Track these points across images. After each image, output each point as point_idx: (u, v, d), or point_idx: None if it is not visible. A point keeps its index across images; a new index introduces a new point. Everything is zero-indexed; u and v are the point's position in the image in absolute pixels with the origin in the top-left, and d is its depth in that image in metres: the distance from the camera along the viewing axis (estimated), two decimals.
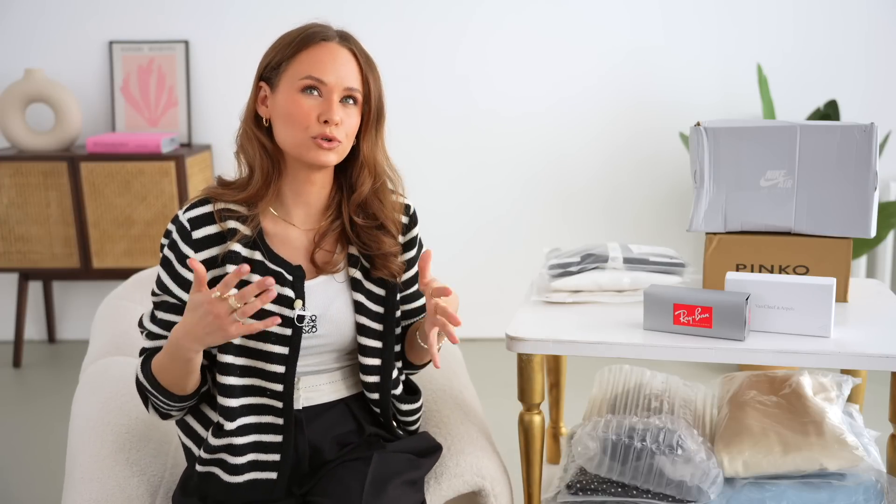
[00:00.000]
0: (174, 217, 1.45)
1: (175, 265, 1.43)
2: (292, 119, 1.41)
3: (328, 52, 1.43)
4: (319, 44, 1.43)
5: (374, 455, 1.46)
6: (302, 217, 1.49)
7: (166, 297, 1.44)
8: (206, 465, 1.44)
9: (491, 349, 3.34)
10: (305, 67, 1.41)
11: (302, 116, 1.40)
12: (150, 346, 1.45)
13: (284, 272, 1.43)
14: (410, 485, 1.46)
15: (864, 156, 1.65)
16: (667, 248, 1.86)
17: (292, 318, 1.42)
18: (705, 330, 1.54)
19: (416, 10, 3.51)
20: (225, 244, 1.41)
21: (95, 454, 1.57)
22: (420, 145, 3.58)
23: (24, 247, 3.40)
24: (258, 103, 1.46)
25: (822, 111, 3.16)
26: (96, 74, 3.60)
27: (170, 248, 1.44)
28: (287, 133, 1.42)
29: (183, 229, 1.42)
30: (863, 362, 1.48)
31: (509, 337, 1.58)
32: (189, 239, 1.41)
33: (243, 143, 1.47)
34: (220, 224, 1.42)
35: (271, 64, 1.44)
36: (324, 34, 1.44)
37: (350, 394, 1.54)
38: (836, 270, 1.70)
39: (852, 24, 3.44)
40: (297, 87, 1.41)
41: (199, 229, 1.42)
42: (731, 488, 1.64)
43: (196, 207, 1.44)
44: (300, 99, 1.40)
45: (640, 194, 3.60)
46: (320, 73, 1.41)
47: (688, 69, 3.50)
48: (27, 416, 3.06)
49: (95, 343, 1.89)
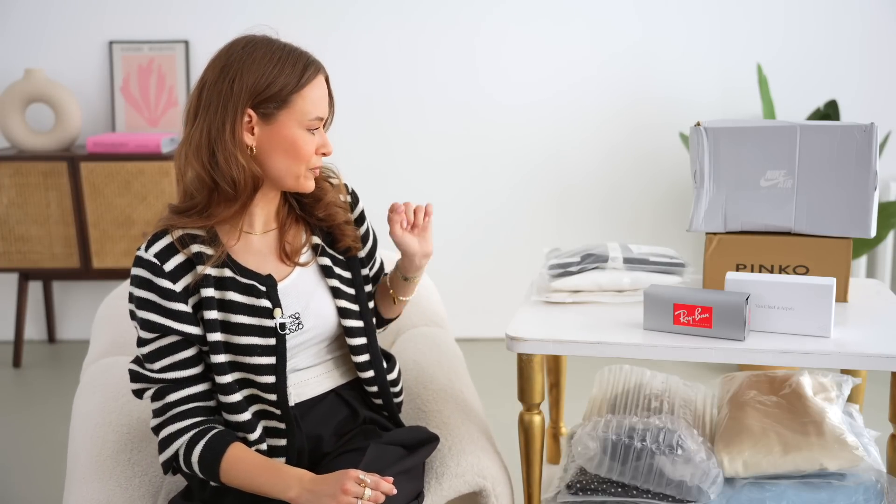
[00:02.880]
0: (136, 260, 1.42)
1: (161, 303, 1.40)
2: (298, 155, 1.43)
3: (320, 85, 1.45)
4: (315, 78, 1.43)
5: (369, 445, 1.48)
6: (261, 224, 1.51)
7: (166, 339, 1.42)
8: None
9: (491, 349, 3.35)
10: (311, 107, 1.42)
11: (307, 152, 1.44)
12: (180, 397, 1.43)
13: (257, 283, 1.45)
14: (404, 473, 1.48)
15: (864, 156, 1.65)
16: (667, 248, 1.86)
17: (274, 328, 1.44)
18: (705, 330, 1.54)
19: (415, 7, 3.51)
20: (194, 271, 1.41)
21: (97, 454, 1.57)
22: (419, 143, 3.58)
23: (24, 247, 3.40)
24: (244, 132, 1.40)
25: (822, 111, 3.16)
26: (96, 74, 3.60)
27: (144, 289, 1.41)
28: (283, 164, 1.43)
29: (153, 266, 1.40)
30: (863, 362, 1.48)
31: (509, 337, 1.58)
32: (163, 273, 1.40)
33: (223, 169, 1.39)
34: (184, 252, 1.42)
35: (267, 94, 1.40)
36: (315, 65, 1.44)
37: (338, 383, 1.56)
38: (836, 270, 1.70)
39: (852, 25, 3.44)
40: (306, 125, 1.43)
41: (167, 262, 1.41)
42: (731, 488, 1.64)
43: (156, 242, 1.42)
44: (306, 137, 1.43)
45: (639, 192, 3.60)
46: (322, 111, 1.45)
47: (688, 68, 3.50)
48: (27, 416, 3.06)
49: (96, 343, 1.89)
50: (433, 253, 1.57)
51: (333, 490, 1.32)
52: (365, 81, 3.51)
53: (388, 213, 1.52)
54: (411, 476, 1.51)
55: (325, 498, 1.33)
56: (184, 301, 1.41)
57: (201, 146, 1.40)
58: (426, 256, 1.56)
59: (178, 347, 1.42)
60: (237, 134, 1.40)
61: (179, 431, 1.42)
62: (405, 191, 3.53)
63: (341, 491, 1.32)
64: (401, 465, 1.48)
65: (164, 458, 1.44)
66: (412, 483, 1.50)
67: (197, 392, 1.44)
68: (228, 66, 1.40)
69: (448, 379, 1.84)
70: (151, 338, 1.42)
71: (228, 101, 1.39)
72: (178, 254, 1.41)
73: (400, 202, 1.53)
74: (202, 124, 1.40)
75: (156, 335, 1.42)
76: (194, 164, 1.41)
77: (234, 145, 1.39)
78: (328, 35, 3.46)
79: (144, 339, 1.43)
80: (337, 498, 1.31)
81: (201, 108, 1.41)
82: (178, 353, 1.42)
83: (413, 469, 1.52)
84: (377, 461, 1.45)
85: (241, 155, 1.40)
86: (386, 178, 3.56)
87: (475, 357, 2.64)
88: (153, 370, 1.43)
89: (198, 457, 1.40)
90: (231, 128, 1.39)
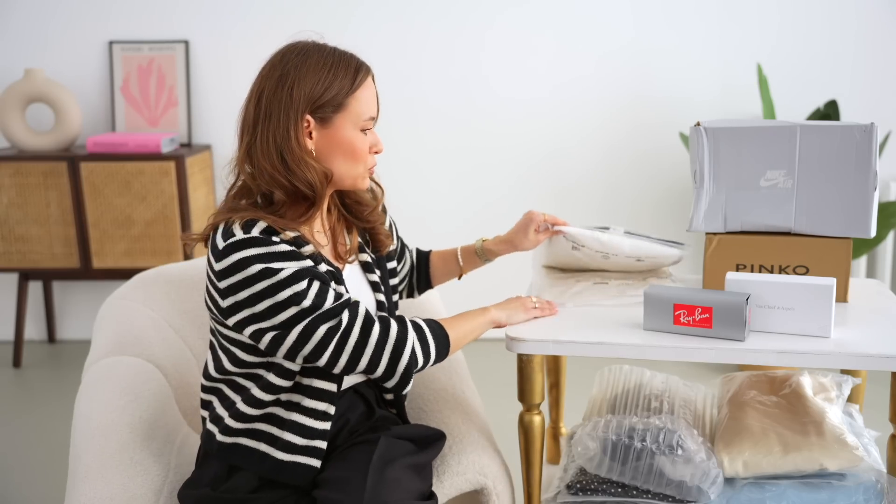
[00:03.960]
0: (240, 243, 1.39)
1: (296, 263, 1.40)
2: (356, 155, 1.49)
3: (371, 87, 1.51)
4: (366, 79, 1.49)
5: (381, 438, 1.51)
6: (318, 223, 1.57)
7: (316, 282, 1.41)
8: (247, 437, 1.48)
9: (491, 349, 3.34)
10: (365, 108, 1.48)
11: (364, 152, 1.50)
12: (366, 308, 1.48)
13: (335, 271, 1.51)
14: (414, 469, 1.50)
15: (864, 156, 1.65)
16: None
17: None
18: (705, 330, 1.54)
19: (415, 4, 3.51)
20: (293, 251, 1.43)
21: (99, 453, 1.57)
22: (418, 142, 3.58)
23: (24, 247, 3.40)
24: (304, 136, 1.45)
25: (822, 111, 3.16)
26: (96, 74, 3.60)
27: (268, 261, 1.39)
28: (343, 166, 1.49)
29: (263, 240, 1.40)
30: (863, 362, 1.48)
31: (509, 337, 1.58)
32: (276, 243, 1.40)
33: (297, 174, 1.43)
34: (283, 234, 1.44)
35: (323, 99, 1.44)
36: (365, 67, 1.50)
37: (357, 381, 1.60)
38: (836, 270, 1.70)
39: (852, 24, 3.44)
40: (360, 126, 1.48)
41: (274, 236, 1.42)
42: (731, 488, 1.64)
43: (254, 225, 1.42)
44: (361, 137, 1.49)
45: (638, 191, 3.60)
46: (374, 110, 1.51)
47: (688, 68, 3.50)
48: (27, 416, 3.06)
49: (98, 342, 1.89)
50: None
51: (515, 304, 1.65)
52: None
53: (529, 215, 1.79)
54: (421, 474, 1.52)
55: (513, 306, 1.65)
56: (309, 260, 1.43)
57: (270, 154, 1.43)
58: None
59: (329, 287, 1.43)
60: (301, 140, 1.44)
61: (402, 324, 1.48)
62: (404, 190, 3.53)
63: (520, 301, 1.65)
64: (411, 460, 1.50)
65: (405, 357, 1.46)
66: (423, 481, 1.51)
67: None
68: (285, 76, 1.44)
69: (448, 379, 1.84)
70: (305, 286, 1.40)
71: (290, 108, 1.43)
72: (278, 235, 1.43)
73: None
74: (266, 133, 1.44)
75: (307, 280, 1.40)
76: (269, 170, 1.44)
77: (300, 150, 1.44)
78: (329, 32, 3.45)
79: (301, 292, 1.39)
80: (522, 303, 1.65)
81: (261, 117, 1.45)
82: (333, 289, 1.44)
83: (423, 467, 1.54)
84: (388, 452, 1.48)
85: (309, 157, 1.45)
86: (385, 178, 3.55)
87: (475, 357, 2.64)
88: (331, 304, 1.42)
89: (430, 331, 1.51)
90: (295, 134, 1.44)
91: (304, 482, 1.48)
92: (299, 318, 1.40)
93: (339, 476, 1.45)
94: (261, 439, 1.48)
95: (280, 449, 1.47)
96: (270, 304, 1.39)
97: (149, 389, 1.76)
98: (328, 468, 1.49)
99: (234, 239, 1.40)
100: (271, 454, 1.47)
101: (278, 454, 1.47)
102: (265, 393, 1.48)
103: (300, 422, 1.47)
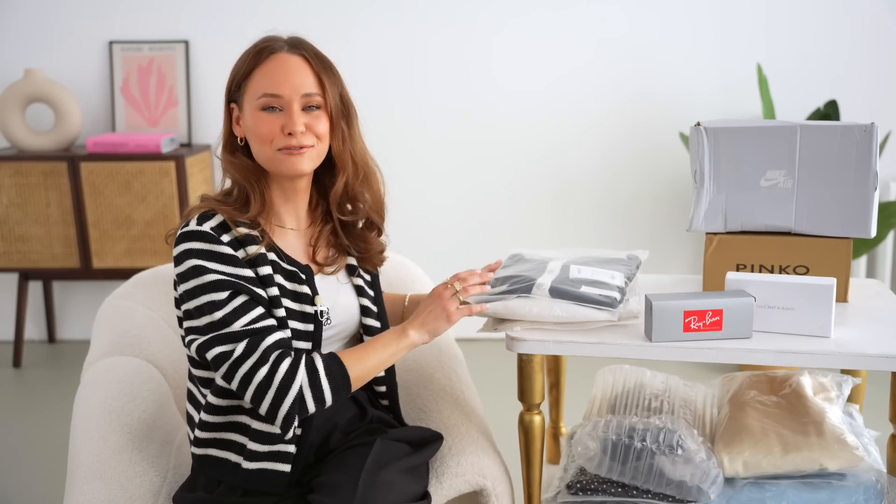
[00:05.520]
0: (187, 235, 1.41)
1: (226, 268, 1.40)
2: (259, 137, 1.46)
3: (279, 63, 1.46)
4: (269, 58, 1.46)
5: (376, 440, 1.50)
6: (293, 221, 1.55)
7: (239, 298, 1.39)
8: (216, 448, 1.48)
9: (491, 349, 3.34)
10: (261, 85, 1.46)
11: (267, 133, 1.46)
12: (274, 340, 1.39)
13: (298, 271, 1.49)
14: (409, 472, 1.49)
15: (864, 156, 1.65)
16: (616, 272, 1.63)
17: (313, 314, 1.47)
18: (715, 333, 1.53)
19: (412, 2, 3.50)
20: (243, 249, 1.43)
21: (98, 454, 1.57)
22: (417, 140, 3.58)
23: (24, 247, 3.40)
24: (234, 124, 1.51)
25: (822, 111, 3.16)
26: (96, 74, 3.60)
27: (204, 258, 1.39)
28: (259, 150, 1.48)
29: (209, 236, 1.41)
30: (863, 362, 1.48)
31: (509, 337, 1.58)
32: (221, 242, 1.41)
33: (228, 170, 1.51)
34: (236, 231, 1.44)
35: (232, 86, 1.50)
36: (272, 47, 1.47)
37: None
38: (836, 270, 1.70)
39: (852, 25, 3.44)
40: (257, 105, 1.46)
41: (223, 235, 1.43)
42: (731, 488, 1.64)
43: (208, 219, 1.43)
44: (263, 117, 1.46)
45: (638, 190, 3.60)
46: (274, 87, 1.45)
47: (688, 67, 3.50)
48: (27, 416, 3.06)
49: (97, 343, 1.89)
50: None
51: (434, 308, 1.49)
52: (361, 78, 3.51)
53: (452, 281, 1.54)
54: (416, 475, 1.51)
55: (434, 316, 1.48)
56: (247, 268, 1.42)
57: (222, 144, 1.53)
58: None
59: (252, 305, 1.41)
60: (233, 128, 1.53)
61: (293, 364, 1.39)
62: (402, 189, 3.53)
63: (439, 301, 1.48)
64: (406, 462, 1.49)
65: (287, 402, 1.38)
66: (418, 482, 1.51)
67: (287, 336, 1.43)
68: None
69: (448, 379, 1.84)
70: (224, 298, 1.39)
71: (225, 100, 1.53)
72: (230, 231, 1.44)
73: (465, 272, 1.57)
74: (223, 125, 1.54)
75: (228, 292, 1.39)
76: (222, 161, 1.52)
77: (232, 139, 1.51)
78: (325, 33, 3.44)
79: (219, 302, 1.39)
80: (442, 306, 1.48)
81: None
82: (255, 308, 1.41)
83: (418, 468, 1.53)
84: (383, 455, 1.47)
85: (229, 153, 1.50)
86: (386, 170, 3.55)
87: (475, 357, 2.64)
88: (238, 327, 1.39)
89: (324, 372, 1.40)
90: (228, 126, 1.52)
91: (278, 488, 1.45)
92: (206, 329, 1.40)
93: (332, 480, 1.43)
94: (231, 449, 1.47)
95: (247, 458, 1.45)
96: (190, 306, 1.41)
97: (147, 389, 1.76)
98: (323, 472, 1.48)
99: (185, 229, 1.43)
100: (241, 465, 1.45)
101: (245, 464, 1.45)
102: (219, 398, 1.47)
103: (261, 429, 1.45)
